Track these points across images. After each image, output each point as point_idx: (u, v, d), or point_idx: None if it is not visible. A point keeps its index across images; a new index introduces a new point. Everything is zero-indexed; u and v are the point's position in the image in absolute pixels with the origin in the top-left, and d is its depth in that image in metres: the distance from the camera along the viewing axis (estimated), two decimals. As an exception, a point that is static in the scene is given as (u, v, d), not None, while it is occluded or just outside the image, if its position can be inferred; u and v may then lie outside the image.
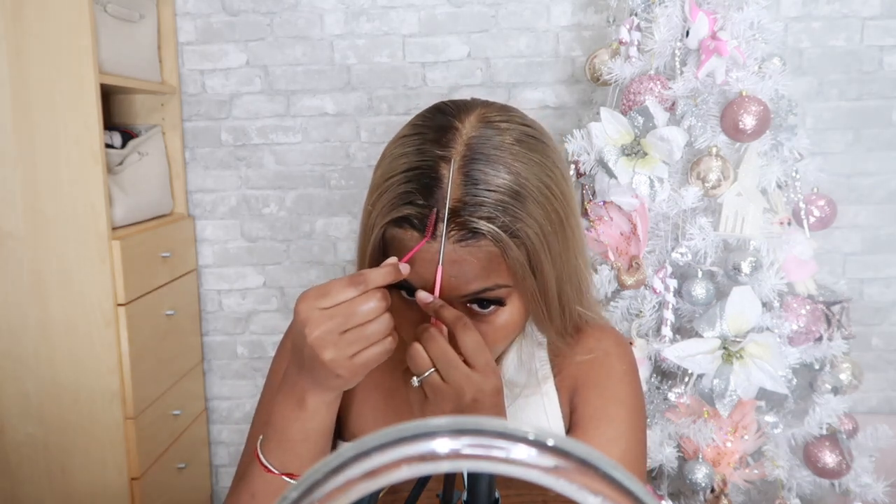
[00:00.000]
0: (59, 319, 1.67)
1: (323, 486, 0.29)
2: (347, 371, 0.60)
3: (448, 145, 0.63)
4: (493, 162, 0.62)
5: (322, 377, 0.61)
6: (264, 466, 0.67)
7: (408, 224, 0.63)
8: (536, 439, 0.29)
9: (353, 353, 0.59)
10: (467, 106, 0.67)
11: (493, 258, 0.62)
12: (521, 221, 0.62)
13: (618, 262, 1.55)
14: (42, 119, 1.61)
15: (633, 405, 0.78)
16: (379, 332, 0.60)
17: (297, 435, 0.66)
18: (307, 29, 2.12)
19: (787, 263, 1.56)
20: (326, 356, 0.59)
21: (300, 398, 0.64)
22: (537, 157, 0.64)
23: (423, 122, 0.67)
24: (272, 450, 0.67)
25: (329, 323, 0.58)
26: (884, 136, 2.11)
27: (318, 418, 0.65)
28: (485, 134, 0.63)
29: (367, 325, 0.59)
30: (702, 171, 1.49)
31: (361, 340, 0.59)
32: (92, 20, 1.61)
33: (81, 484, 1.73)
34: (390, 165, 0.65)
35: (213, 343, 2.28)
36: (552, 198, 0.64)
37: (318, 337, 0.59)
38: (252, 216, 2.23)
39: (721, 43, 1.47)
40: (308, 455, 0.66)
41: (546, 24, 2.10)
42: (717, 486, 1.53)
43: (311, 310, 0.59)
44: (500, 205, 0.61)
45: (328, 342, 0.59)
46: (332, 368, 0.59)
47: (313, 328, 0.59)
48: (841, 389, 1.59)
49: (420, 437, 0.29)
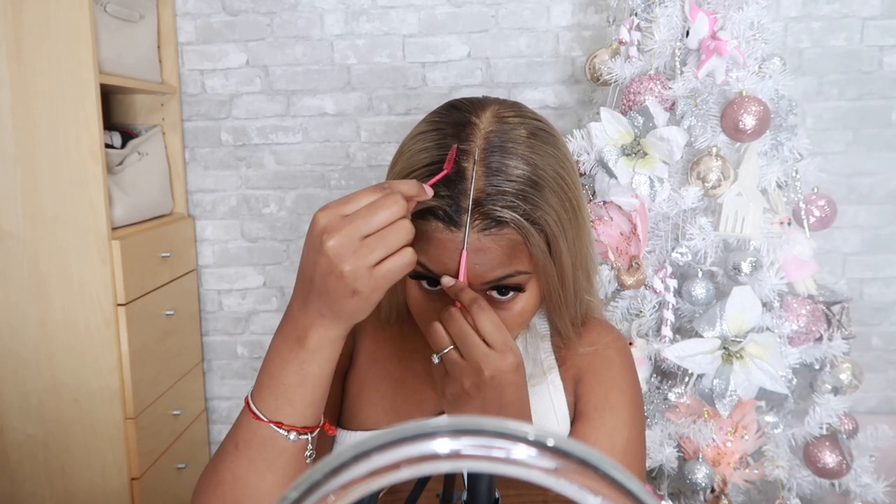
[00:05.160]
0: (59, 319, 1.67)
1: (323, 486, 0.29)
2: (367, 285, 0.56)
3: (468, 139, 0.65)
4: (511, 154, 0.64)
5: (336, 297, 0.57)
6: (252, 413, 0.63)
7: (432, 216, 0.64)
8: (536, 439, 0.29)
9: (374, 261, 0.56)
10: (481, 103, 0.70)
11: (516, 246, 0.64)
12: (541, 209, 0.64)
13: (618, 262, 1.55)
14: (42, 119, 1.61)
15: (634, 395, 0.81)
16: (400, 239, 0.56)
17: (293, 378, 0.61)
18: (307, 29, 2.12)
19: (787, 263, 1.56)
20: (346, 267, 0.55)
21: (301, 335, 0.61)
22: (550, 149, 0.67)
23: (440, 119, 0.69)
24: (263, 396, 0.63)
25: (349, 227, 0.55)
26: (884, 136, 2.11)
27: (318, 359, 0.61)
28: (501, 128, 0.66)
29: (389, 231, 0.56)
30: (702, 171, 1.49)
31: (383, 246, 0.56)
32: (92, 20, 1.61)
33: (81, 484, 1.73)
34: (410, 161, 0.67)
35: (213, 343, 2.28)
36: (566, 187, 0.67)
37: (336, 244, 0.55)
38: (252, 216, 2.23)
39: (721, 43, 1.47)
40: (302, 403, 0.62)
41: (546, 24, 2.10)
42: (717, 486, 1.53)
43: (332, 216, 0.56)
44: (521, 194, 0.63)
45: (347, 249, 0.55)
46: (351, 282, 0.56)
47: (332, 234, 0.55)
48: (841, 389, 1.59)
49: (420, 438, 0.29)
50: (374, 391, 0.81)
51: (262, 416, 0.63)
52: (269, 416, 0.62)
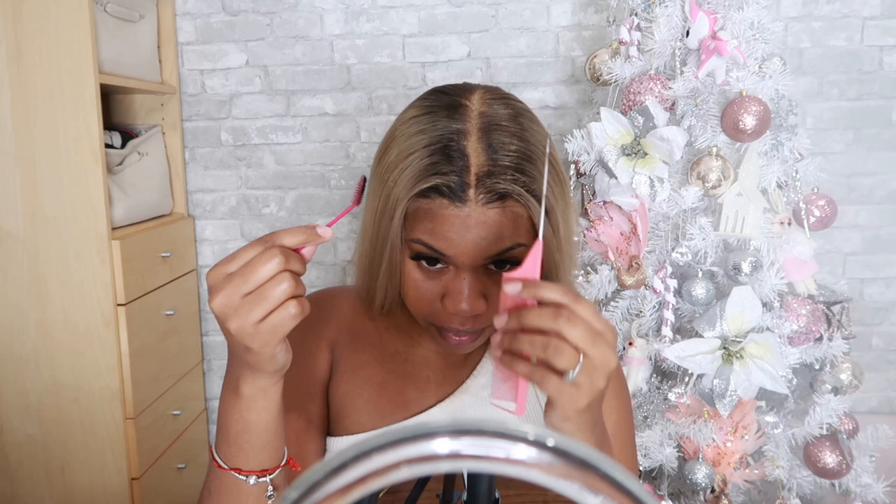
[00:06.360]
0: (58, 319, 1.67)
1: (323, 486, 0.29)
2: (256, 340, 0.56)
3: (463, 120, 0.67)
4: (505, 131, 0.67)
5: (238, 352, 0.58)
6: (216, 461, 0.65)
7: (436, 193, 0.65)
8: (536, 439, 0.29)
9: (257, 318, 0.55)
10: (467, 87, 0.73)
11: (517, 219, 0.66)
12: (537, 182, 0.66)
13: (618, 262, 1.55)
14: (42, 119, 1.61)
15: (619, 379, 0.84)
16: (280, 293, 0.55)
17: (237, 426, 0.63)
18: (307, 29, 2.12)
19: (787, 263, 1.56)
20: (232, 325, 0.55)
21: (235, 385, 0.62)
22: (536, 126, 0.70)
23: (430, 103, 0.70)
24: (220, 444, 0.64)
25: (229, 286, 0.55)
26: (884, 136, 2.11)
27: (255, 407, 0.62)
28: (492, 108, 0.69)
29: (268, 286, 0.55)
30: (702, 171, 1.49)
31: (263, 303, 0.55)
32: (92, 20, 1.61)
33: (81, 484, 1.73)
34: (407, 143, 0.68)
35: (213, 343, 2.28)
36: (555, 162, 0.69)
37: (220, 304, 0.55)
38: (252, 216, 2.23)
39: (721, 43, 1.47)
40: (252, 449, 0.63)
41: (546, 24, 2.10)
42: (717, 486, 1.53)
43: (218, 275, 0.56)
44: (519, 167, 0.66)
45: (230, 308, 0.55)
46: (240, 339, 0.56)
47: (215, 294, 0.55)
48: (841, 389, 1.59)
49: (420, 438, 0.29)
50: (357, 397, 0.81)
51: (223, 463, 0.64)
52: (229, 464, 0.64)
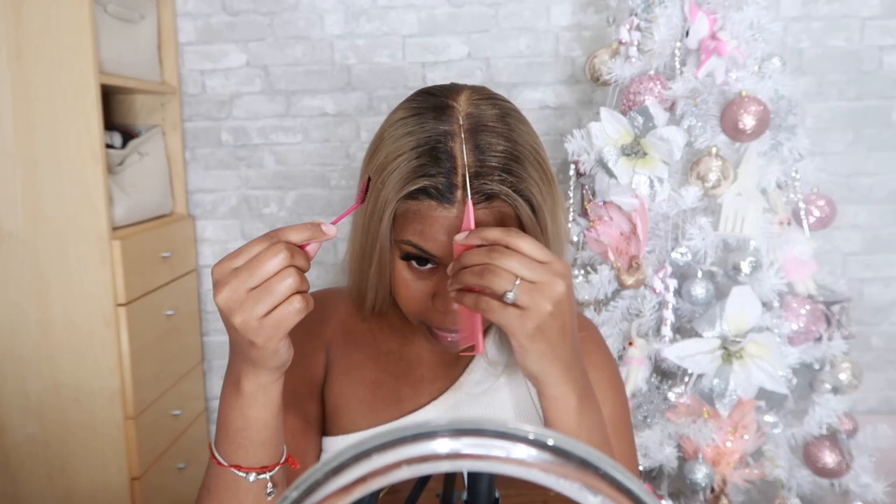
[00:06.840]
0: (59, 319, 1.67)
1: (323, 486, 0.29)
2: (260, 335, 0.56)
3: (449, 121, 0.68)
4: (492, 132, 0.67)
5: (241, 348, 0.59)
6: (215, 458, 0.65)
7: (424, 195, 0.66)
8: (536, 439, 0.29)
9: (261, 313, 0.55)
10: (454, 87, 0.73)
11: (505, 218, 0.67)
12: (524, 182, 0.67)
13: (618, 262, 1.55)
14: (42, 119, 1.61)
15: (613, 370, 0.84)
16: (286, 288, 0.56)
17: (237, 423, 0.63)
18: (307, 29, 2.12)
19: (786, 263, 1.56)
20: (236, 320, 0.56)
21: (236, 381, 0.62)
22: (523, 126, 0.71)
23: (417, 105, 0.71)
24: (220, 441, 0.65)
25: (235, 281, 0.55)
26: (883, 136, 2.11)
27: (255, 404, 0.62)
28: (479, 109, 0.69)
29: (274, 281, 0.55)
30: (702, 171, 1.49)
31: (268, 297, 0.55)
32: (92, 20, 1.61)
33: (81, 484, 1.73)
34: (395, 145, 0.68)
35: (213, 343, 2.28)
36: (542, 161, 0.70)
37: (225, 298, 0.56)
38: (252, 216, 2.23)
39: (721, 43, 1.47)
40: (252, 446, 0.64)
41: (546, 24, 2.10)
42: (716, 485, 1.53)
43: (223, 270, 0.57)
44: (506, 168, 0.66)
45: (235, 303, 0.56)
46: (244, 333, 0.56)
47: (221, 288, 0.56)
48: (841, 389, 1.59)
49: (420, 438, 0.29)
50: (351, 396, 0.82)
51: (222, 461, 0.64)
52: (228, 461, 0.64)
